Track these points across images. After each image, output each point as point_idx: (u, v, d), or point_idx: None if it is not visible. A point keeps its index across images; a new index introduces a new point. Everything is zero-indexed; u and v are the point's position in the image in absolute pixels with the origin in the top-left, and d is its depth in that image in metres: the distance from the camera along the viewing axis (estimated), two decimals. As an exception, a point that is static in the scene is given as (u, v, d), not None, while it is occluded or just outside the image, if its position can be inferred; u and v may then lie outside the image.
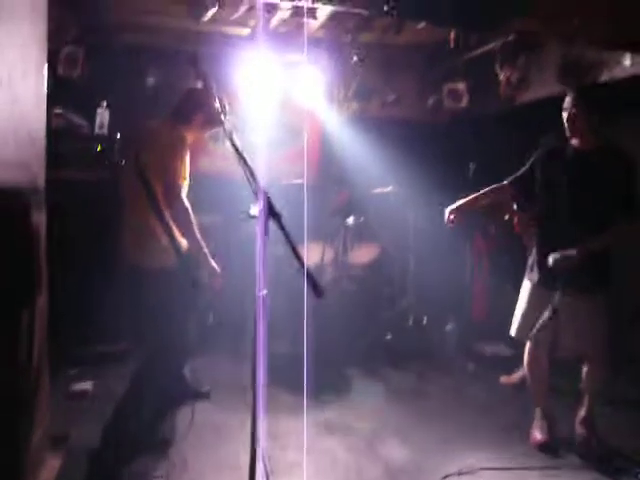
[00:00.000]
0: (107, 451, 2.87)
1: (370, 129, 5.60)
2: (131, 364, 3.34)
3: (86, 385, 3.81)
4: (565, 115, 3.23)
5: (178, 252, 3.02)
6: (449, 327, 5.04)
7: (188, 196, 3.17)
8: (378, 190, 5.28)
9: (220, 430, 3.40)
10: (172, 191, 3.01)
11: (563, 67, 4.68)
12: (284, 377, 3.88)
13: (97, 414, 3.09)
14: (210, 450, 3.20)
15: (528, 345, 3.43)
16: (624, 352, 4.14)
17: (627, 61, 4.23)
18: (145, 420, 3.12)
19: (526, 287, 3.40)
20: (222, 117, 2.16)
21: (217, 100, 2.17)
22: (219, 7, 3.96)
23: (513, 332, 3.44)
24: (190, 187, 3.21)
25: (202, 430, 3.36)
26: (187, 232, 3.07)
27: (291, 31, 4.88)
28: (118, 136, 4.29)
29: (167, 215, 3.01)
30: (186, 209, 3.06)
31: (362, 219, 5.16)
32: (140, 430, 3.06)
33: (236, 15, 4.35)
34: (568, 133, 3.24)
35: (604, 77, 4.42)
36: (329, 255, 5.00)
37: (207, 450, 3.20)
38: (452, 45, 4.67)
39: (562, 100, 4.45)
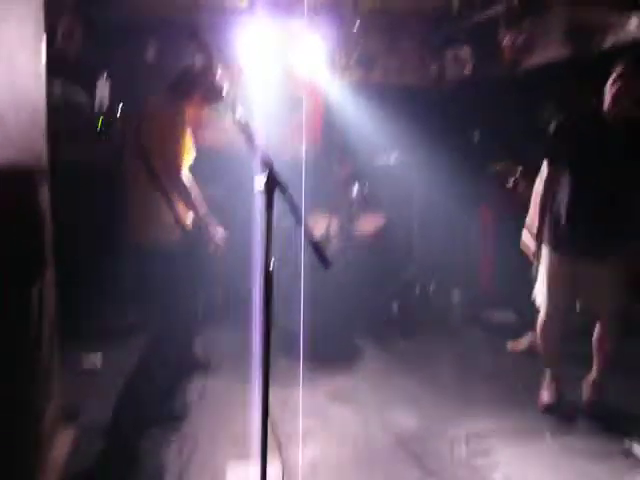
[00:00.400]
0: (119, 425, 2.91)
1: (373, 97, 5.53)
2: (139, 338, 3.36)
3: (95, 359, 3.84)
4: (615, 85, 3.02)
5: (183, 227, 3.03)
6: (456, 295, 5.05)
7: (191, 170, 3.16)
8: (382, 159, 5.24)
9: (230, 402, 3.42)
10: (173, 167, 2.98)
11: (568, 31, 4.59)
12: (292, 347, 3.92)
13: (107, 388, 3.13)
14: (221, 422, 3.23)
15: (545, 308, 3.41)
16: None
17: (632, 25, 4.15)
18: (155, 394, 3.15)
19: (546, 252, 3.37)
20: (223, 92, 2.12)
21: (218, 74, 2.13)
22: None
23: (536, 298, 3.44)
24: (194, 160, 3.19)
25: (212, 402, 3.41)
26: (191, 206, 3.07)
27: (291, -1, 4.80)
28: (119, 110, 4.23)
29: (170, 191, 3.00)
30: (190, 184, 3.05)
31: (367, 189, 5.13)
32: (151, 404, 3.09)
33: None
34: (610, 102, 3.05)
35: (609, 42, 4.35)
36: (334, 226, 4.99)
37: (218, 422, 3.22)
38: (455, 10, 4.57)
39: (567, 64, 4.36)
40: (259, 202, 1.80)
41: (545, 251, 3.37)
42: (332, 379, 3.80)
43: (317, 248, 1.72)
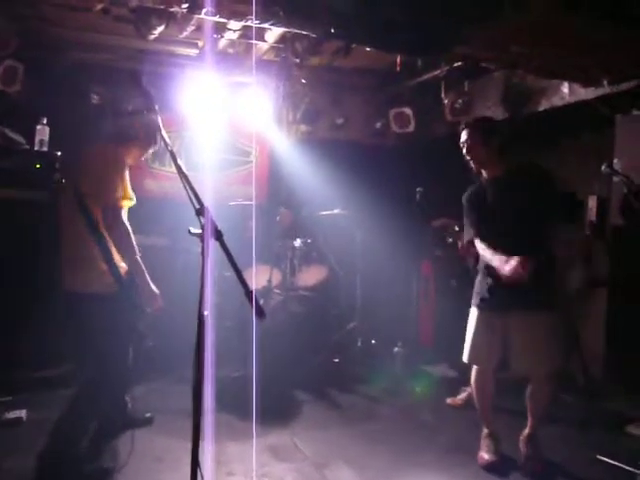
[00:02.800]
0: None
1: (319, 151, 5.63)
2: (69, 390, 3.20)
3: (20, 413, 3.62)
4: (463, 150, 3.39)
5: (118, 277, 2.93)
6: (397, 349, 5.05)
7: (133, 218, 3.10)
8: (326, 212, 5.29)
9: (163, 458, 3.28)
10: (111, 215, 2.93)
11: (505, 94, 4.83)
12: (231, 401, 3.82)
13: (32, 443, 2.95)
14: (152, 477, 3.08)
15: (475, 366, 3.45)
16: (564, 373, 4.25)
17: (565, 89, 4.41)
18: (84, 447, 3.00)
19: (474, 312, 3.41)
20: (165, 138, 2.12)
21: (158, 120, 2.14)
22: (166, 26, 3.91)
23: (465, 358, 3.44)
24: (136, 209, 3.14)
25: (144, 458, 3.23)
26: (127, 256, 2.99)
27: (240, 53, 4.87)
28: (59, 154, 4.14)
29: (106, 239, 2.93)
30: (127, 232, 2.98)
31: (310, 240, 5.15)
32: (78, 458, 2.94)
33: (184, 34, 4.31)
34: (471, 166, 3.40)
35: (544, 105, 4.59)
36: (277, 277, 4.96)
37: (148, 478, 3.07)
38: (398, 69, 4.74)
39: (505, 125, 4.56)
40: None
41: (472, 310, 3.44)
42: (270, 434, 3.69)
43: (252, 298, 1.70)
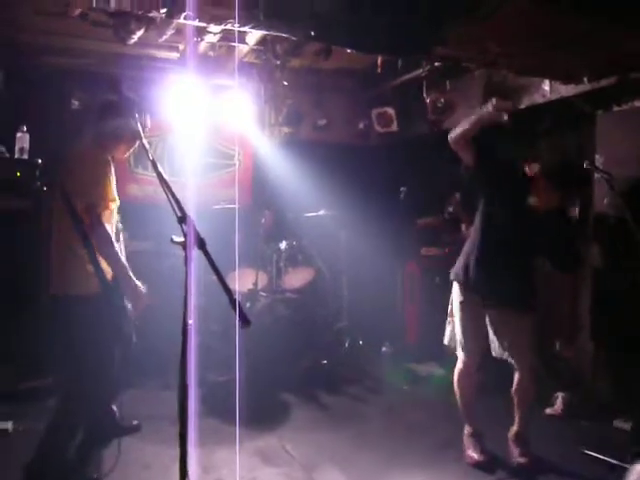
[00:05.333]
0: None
1: (302, 153, 5.63)
2: (55, 400, 3.16)
3: (6, 424, 3.56)
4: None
5: (102, 278, 2.92)
6: (384, 349, 5.06)
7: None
8: (311, 213, 5.29)
9: (151, 465, 3.25)
10: (94, 216, 2.90)
11: (486, 93, 4.85)
12: (218, 406, 3.80)
13: (18, 454, 2.92)
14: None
15: (458, 362, 3.46)
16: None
17: (546, 87, 4.44)
18: (71, 457, 2.97)
19: (456, 291, 3.41)
20: (146, 146, 2.11)
21: (139, 121, 2.13)
22: (145, 30, 3.89)
23: (446, 340, 3.47)
24: (120, 214, 3.12)
25: (132, 466, 3.20)
26: (110, 257, 2.95)
27: (221, 55, 4.86)
28: (40, 161, 4.11)
29: (91, 241, 2.91)
30: (107, 234, 2.93)
31: (295, 242, 5.15)
32: (66, 468, 2.91)
33: (164, 38, 4.28)
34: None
35: (526, 102, 4.62)
36: (263, 280, 4.95)
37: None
38: (380, 70, 4.75)
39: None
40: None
41: (455, 289, 3.43)
42: (258, 438, 3.68)
43: (237, 305, 1.69)
